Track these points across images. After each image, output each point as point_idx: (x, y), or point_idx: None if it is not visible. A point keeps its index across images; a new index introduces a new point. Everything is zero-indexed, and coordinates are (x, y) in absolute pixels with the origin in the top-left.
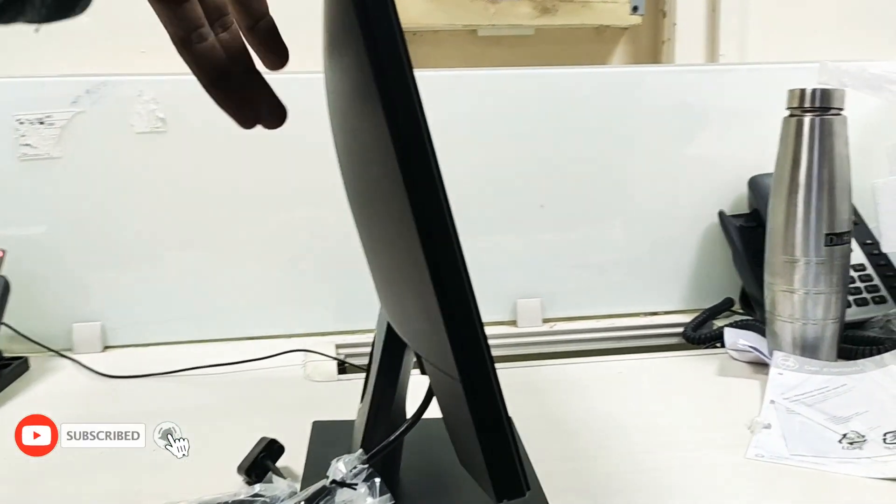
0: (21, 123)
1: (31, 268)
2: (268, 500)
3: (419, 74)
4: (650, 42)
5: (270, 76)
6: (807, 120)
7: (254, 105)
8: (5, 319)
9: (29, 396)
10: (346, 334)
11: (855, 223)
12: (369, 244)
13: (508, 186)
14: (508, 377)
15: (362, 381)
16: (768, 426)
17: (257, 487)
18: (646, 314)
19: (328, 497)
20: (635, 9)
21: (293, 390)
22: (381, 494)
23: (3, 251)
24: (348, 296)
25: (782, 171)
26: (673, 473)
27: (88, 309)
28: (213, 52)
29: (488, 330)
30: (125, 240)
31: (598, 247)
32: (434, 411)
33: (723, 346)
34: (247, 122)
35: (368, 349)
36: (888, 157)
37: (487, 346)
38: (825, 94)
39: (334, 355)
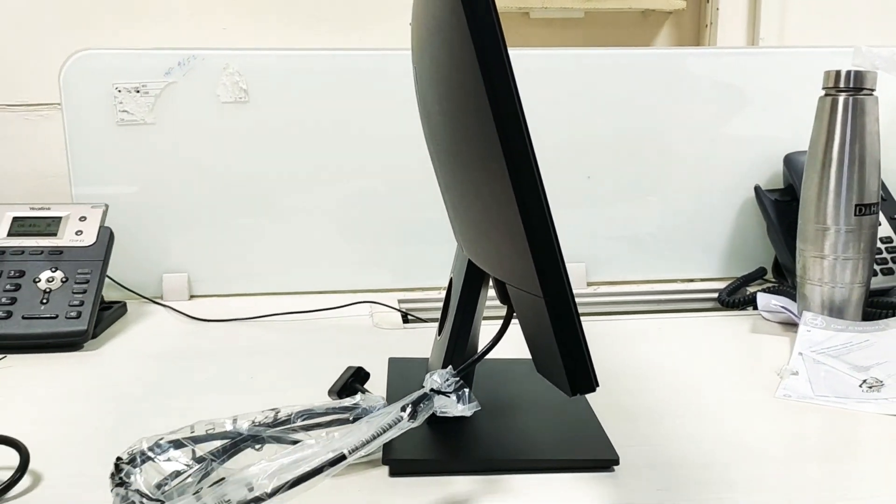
0: (119, 91)
1: (125, 223)
2: (366, 408)
3: None
4: (693, 26)
5: (345, 52)
6: (841, 99)
7: None
8: None
9: (130, 334)
10: (406, 291)
11: (883, 199)
12: (455, 192)
13: (558, 159)
14: None
15: (424, 330)
16: (796, 373)
17: (358, 397)
18: (683, 280)
19: (428, 402)
20: None
21: (364, 336)
22: (469, 402)
23: (107, 206)
24: (407, 258)
25: (816, 147)
26: (709, 405)
27: (177, 261)
28: None
29: None
30: (209, 200)
31: (640, 216)
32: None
33: (755, 309)
34: None
35: (426, 304)
36: None
37: (566, 271)
38: (858, 76)
39: (398, 307)
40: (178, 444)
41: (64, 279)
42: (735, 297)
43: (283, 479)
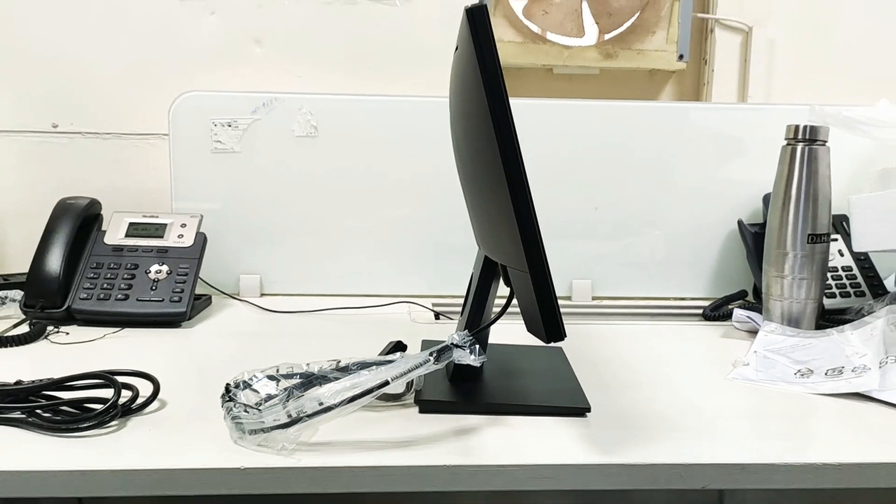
0: (215, 125)
1: (211, 233)
2: (404, 356)
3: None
4: (693, 84)
5: (396, 97)
6: (798, 148)
7: None
8: None
9: (215, 319)
10: (438, 297)
11: (847, 234)
12: (475, 201)
13: (571, 192)
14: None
15: (452, 325)
16: (747, 364)
17: (398, 354)
18: (676, 298)
19: (448, 352)
20: (681, 56)
21: (402, 327)
22: (479, 355)
23: (202, 216)
24: (439, 271)
25: (779, 187)
26: (671, 381)
27: (251, 265)
28: None
29: None
30: (281, 215)
31: (639, 242)
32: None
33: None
34: None
35: (455, 307)
36: (870, 181)
37: (545, 255)
38: (812, 129)
39: (431, 308)
40: (269, 377)
41: (169, 272)
42: (717, 312)
43: (344, 396)
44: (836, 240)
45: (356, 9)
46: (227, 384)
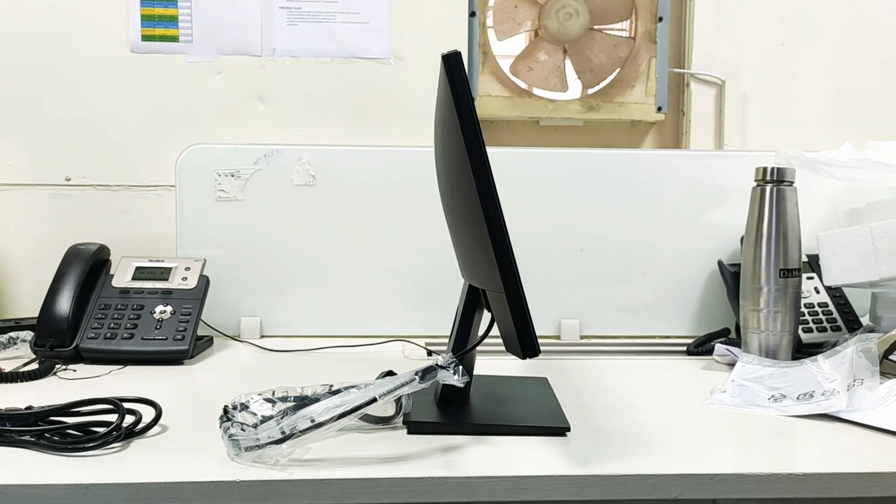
0: (219, 175)
1: (214, 278)
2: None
3: (494, 151)
4: (673, 134)
5: (391, 147)
6: (768, 188)
7: None
8: None
9: (216, 358)
10: (431, 337)
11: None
12: (457, 232)
13: (557, 234)
14: (552, 365)
15: None
16: (724, 391)
17: (386, 379)
18: (661, 337)
19: (433, 372)
20: (660, 108)
21: (395, 364)
22: (462, 376)
23: (205, 259)
24: (433, 312)
25: (752, 225)
26: (649, 406)
27: (252, 308)
28: None
29: None
30: (281, 262)
31: (624, 282)
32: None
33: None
34: None
35: (446, 346)
36: (839, 220)
37: (517, 273)
38: (780, 171)
39: (424, 346)
40: (266, 399)
41: (172, 312)
42: (700, 348)
43: (334, 412)
44: (811, 278)
45: (353, 68)
46: (226, 406)
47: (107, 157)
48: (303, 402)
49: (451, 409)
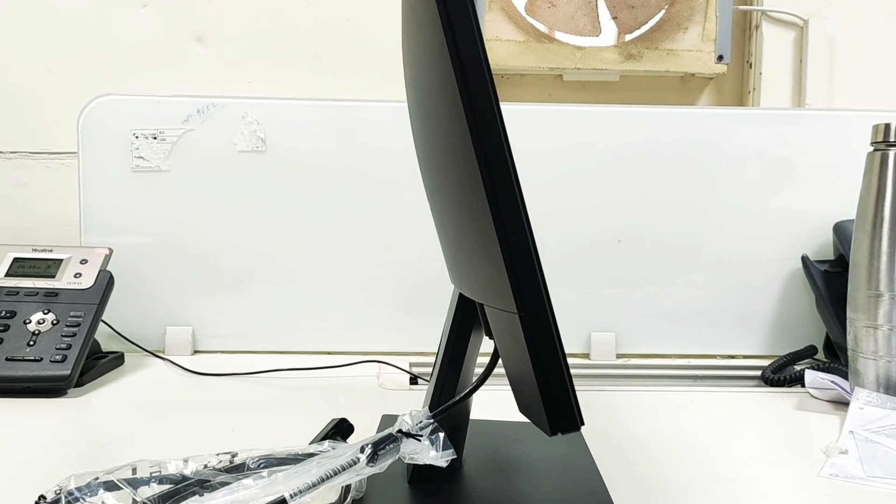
0: (136, 137)
1: (133, 273)
2: (334, 447)
3: (505, 107)
4: (735, 92)
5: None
6: (892, 153)
7: None
8: (106, 318)
9: (121, 385)
10: (419, 355)
11: None
12: (441, 215)
13: (587, 221)
14: (581, 400)
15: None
16: (845, 452)
17: (326, 444)
18: (723, 356)
19: (393, 445)
20: (720, 58)
21: (365, 396)
22: (444, 449)
23: (111, 250)
24: (421, 317)
25: (866, 206)
26: (742, 482)
27: (183, 315)
28: None
29: None
30: (220, 254)
31: (675, 284)
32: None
33: (803, 387)
34: None
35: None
36: None
37: (545, 284)
38: None
39: (408, 370)
40: (111, 486)
41: (55, 321)
42: (780, 375)
43: None
44: None
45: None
46: (41, 497)
47: None
48: (178, 490)
49: (429, 490)
